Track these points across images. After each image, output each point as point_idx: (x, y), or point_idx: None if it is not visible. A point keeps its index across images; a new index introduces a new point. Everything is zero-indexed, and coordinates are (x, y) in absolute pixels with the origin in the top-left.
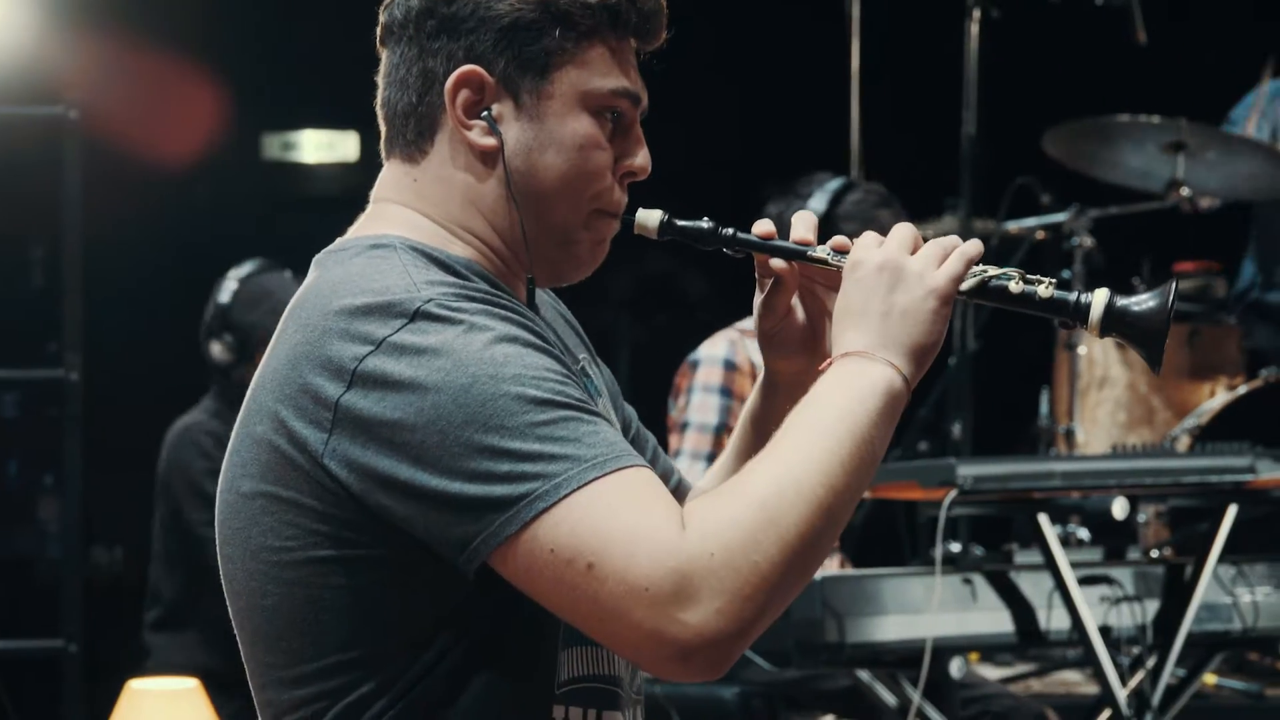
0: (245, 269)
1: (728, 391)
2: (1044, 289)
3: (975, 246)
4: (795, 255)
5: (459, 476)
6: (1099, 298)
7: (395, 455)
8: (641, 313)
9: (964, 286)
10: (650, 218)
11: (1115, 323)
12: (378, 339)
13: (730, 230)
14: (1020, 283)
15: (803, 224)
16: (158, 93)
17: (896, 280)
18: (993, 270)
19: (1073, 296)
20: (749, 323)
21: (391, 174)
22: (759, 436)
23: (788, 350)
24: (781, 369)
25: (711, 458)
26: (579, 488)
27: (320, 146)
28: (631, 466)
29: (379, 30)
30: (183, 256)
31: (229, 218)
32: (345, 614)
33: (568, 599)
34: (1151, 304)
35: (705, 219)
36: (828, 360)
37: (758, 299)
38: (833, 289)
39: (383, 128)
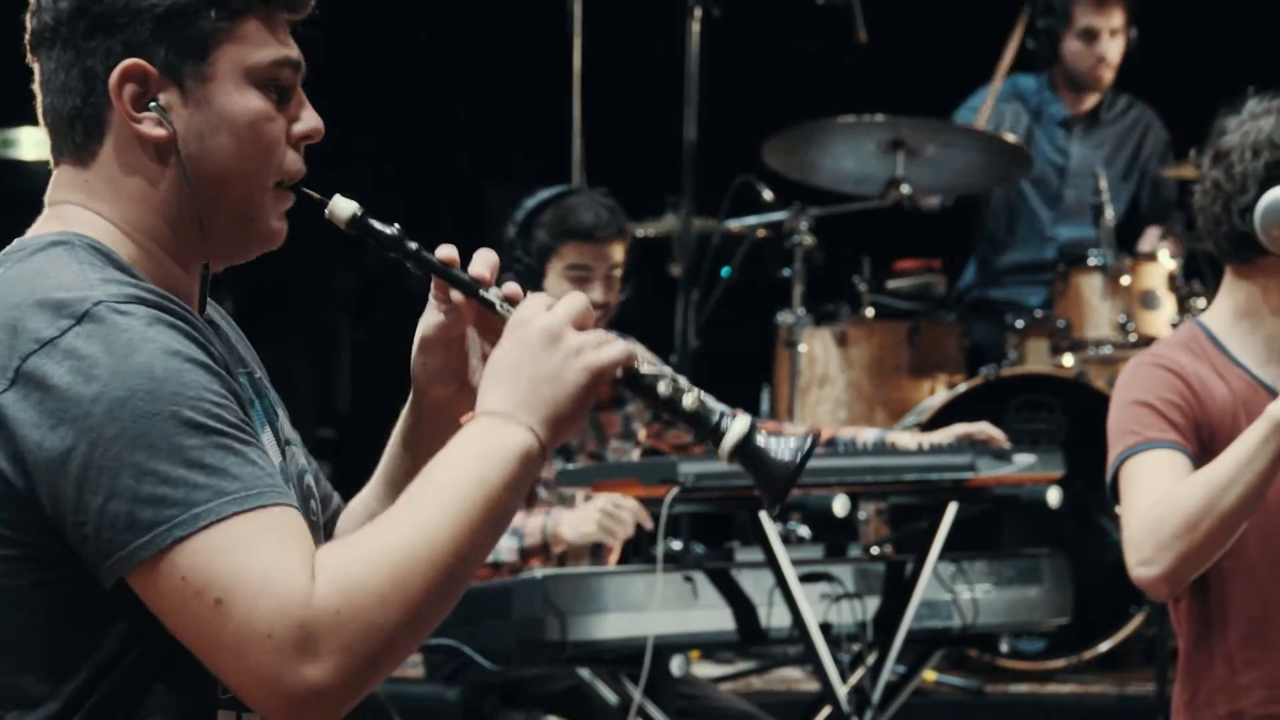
0: None
1: None
2: (690, 399)
3: (633, 347)
4: (467, 290)
5: (101, 492)
6: (737, 427)
7: (46, 459)
8: (362, 313)
9: (618, 372)
10: (344, 208)
11: (745, 457)
12: (44, 339)
13: (415, 245)
14: (670, 386)
15: (483, 262)
16: None
17: (555, 347)
18: (649, 367)
19: (715, 417)
20: None
21: (64, 178)
22: (405, 459)
23: (439, 379)
24: (429, 395)
25: None
26: (219, 520)
27: (39, 143)
28: (275, 505)
29: (28, 39)
30: None
31: None
32: (17, 614)
33: (192, 629)
34: (784, 457)
35: (396, 226)
36: (471, 414)
37: (426, 316)
38: (494, 333)
39: (48, 136)
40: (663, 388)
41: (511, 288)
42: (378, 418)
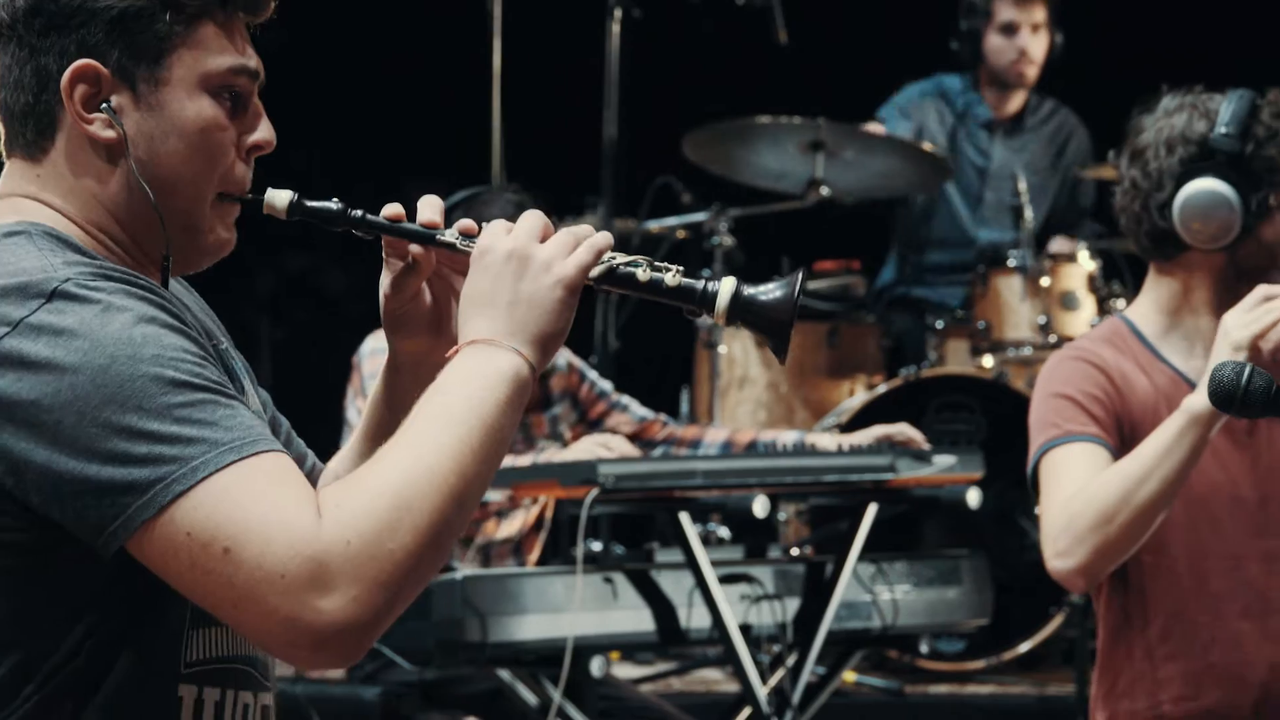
0: None
1: None
2: (671, 277)
3: (605, 238)
4: (423, 239)
5: (96, 458)
6: (726, 286)
7: (32, 437)
8: (281, 313)
9: (592, 274)
10: (280, 198)
11: (741, 311)
12: (14, 320)
13: (359, 212)
14: (648, 270)
15: (429, 208)
16: None
17: (524, 268)
18: (621, 258)
19: (700, 284)
20: None
21: (16, 170)
22: (387, 417)
23: (413, 331)
24: (406, 349)
25: None
26: (216, 471)
27: None
28: (269, 451)
29: None
30: None
31: None
32: None
33: (203, 583)
34: (778, 294)
35: (335, 200)
36: (455, 347)
37: (385, 280)
38: (459, 273)
39: (2, 128)
40: (642, 274)
41: (466, 223)
42: (298, 415)
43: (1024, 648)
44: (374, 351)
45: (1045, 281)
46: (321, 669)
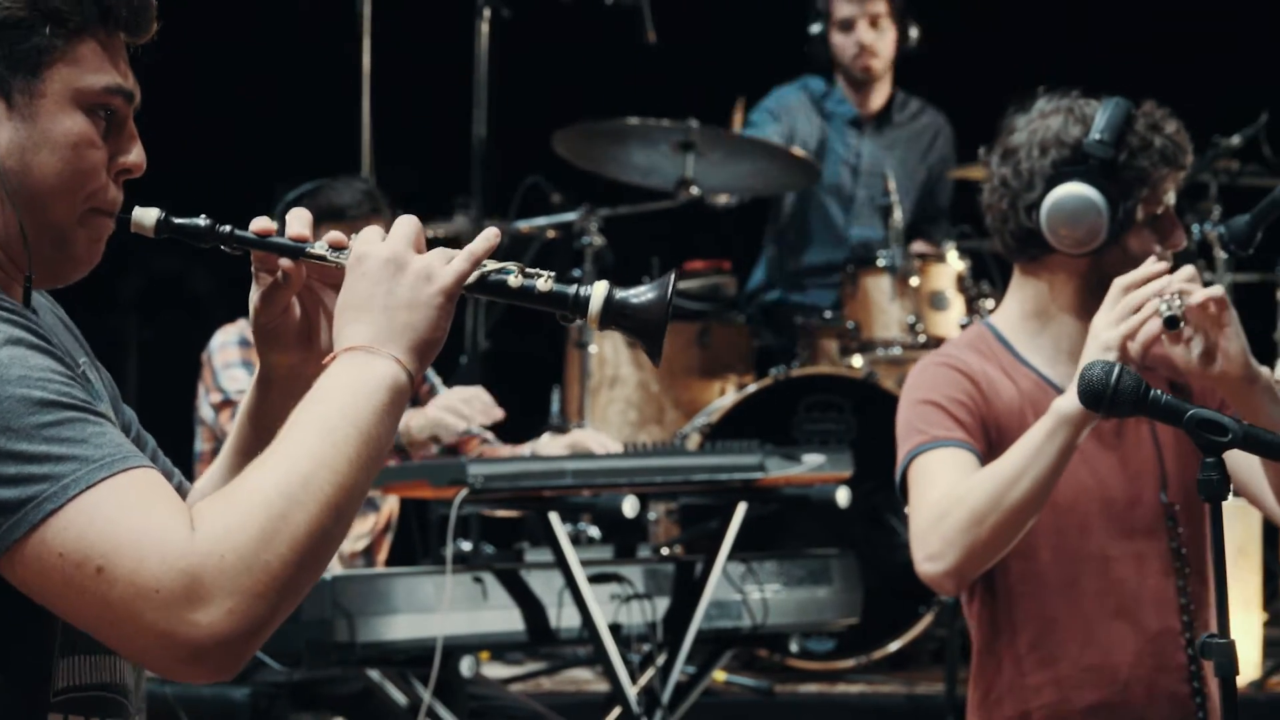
0: None
1: (250, 364)
2: (543, 283)
3: (480, 243)
4: (292, 252)
5: None
6: (598, 291)
7: None
8: (148, 313)
9: (466, 281)
10: (147, 216)
11: (615, 315)
12: None
13: (228, 228)
14: (520, 277)
15: (298, 221)
16: None
17: (401, 275)
18: (493, 265)
19: (572, 289)
20: None
21: None
22: (257, 433)
23: (283, 345)
24: (277, 363)
25: None
26: (87, 489)
27: None
28: (139, 467)
29: None
30: None
31: None
32: None
33: (78, 603)
34: (650, 296)
35: (203, 216)
36: (331, 355)
37: (254, 294)
38: (330, 286)
39: None
40: (514, 281)
41: (335, 236)
42: (165, 416)
43: (893, 647)
44: (223, 345)
45: (914, 281)
46: (202, 682)
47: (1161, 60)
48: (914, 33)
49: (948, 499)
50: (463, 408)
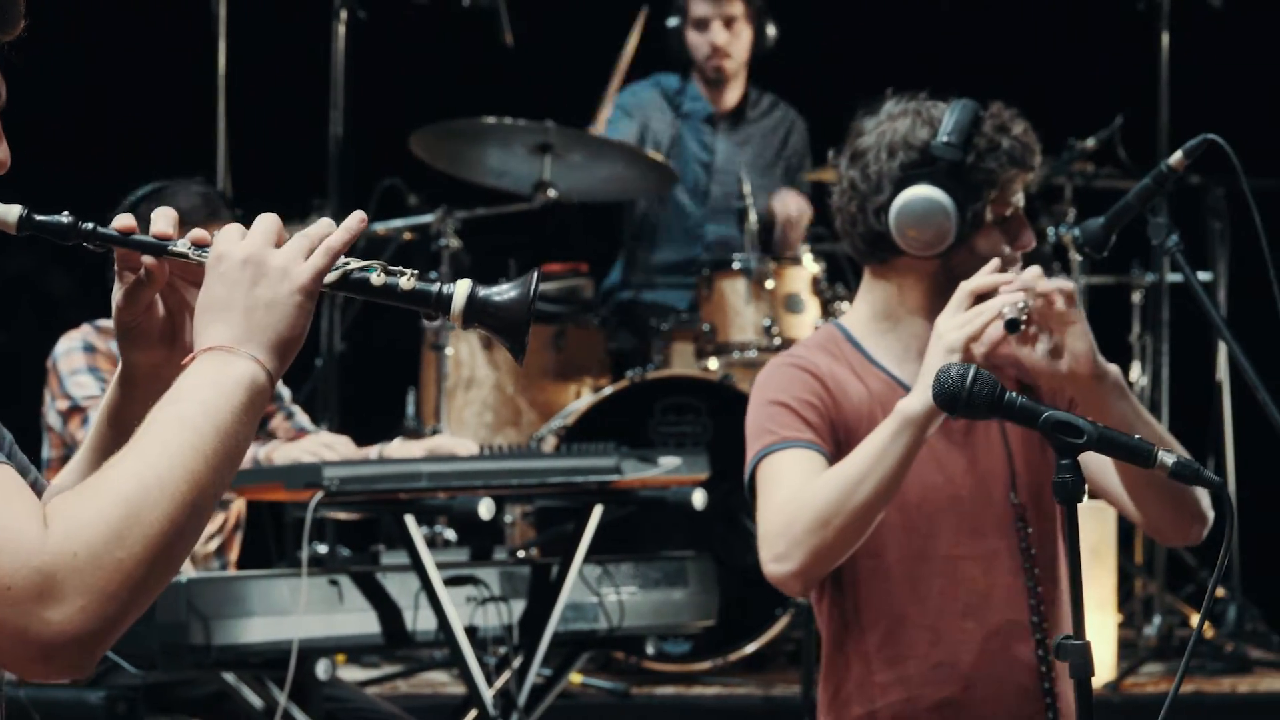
0: None
1: (96, 369)
2: (406, 281)
3: (340, 238)
4: (155, 250)
5: None
6: (461, 289)
7: None
8: (2, 318)
9: (327, 279)
10: (9, 213)
11: (478, 313)
12: None
13: (90, 225)
14: (382, 275)
15: (163, 219)
16: None
17: (260, 274)
18: (356, 263)
19: (435, 288)
20: (107, 321)
21: None
22: (116, 432)
23: (146, 344)
24: (139, 362)
25: None
26: None
27: None
28: None
29: None
30: None
31: None
32: None
33: None
34: (513, 294)
35: (65, 213)
36: (191, 355)
37: (117, 292)
38: (193, 284)
39: None
40: (376, 278)
41: (198, 233)
42: (18, 418)
43: (750, 649)
44: (68, 352)
45: (770, 284)
46: (54, 680)
47: (1016, 62)
48: (771, 33)
49: (794, 501)
50: (326, 454)
